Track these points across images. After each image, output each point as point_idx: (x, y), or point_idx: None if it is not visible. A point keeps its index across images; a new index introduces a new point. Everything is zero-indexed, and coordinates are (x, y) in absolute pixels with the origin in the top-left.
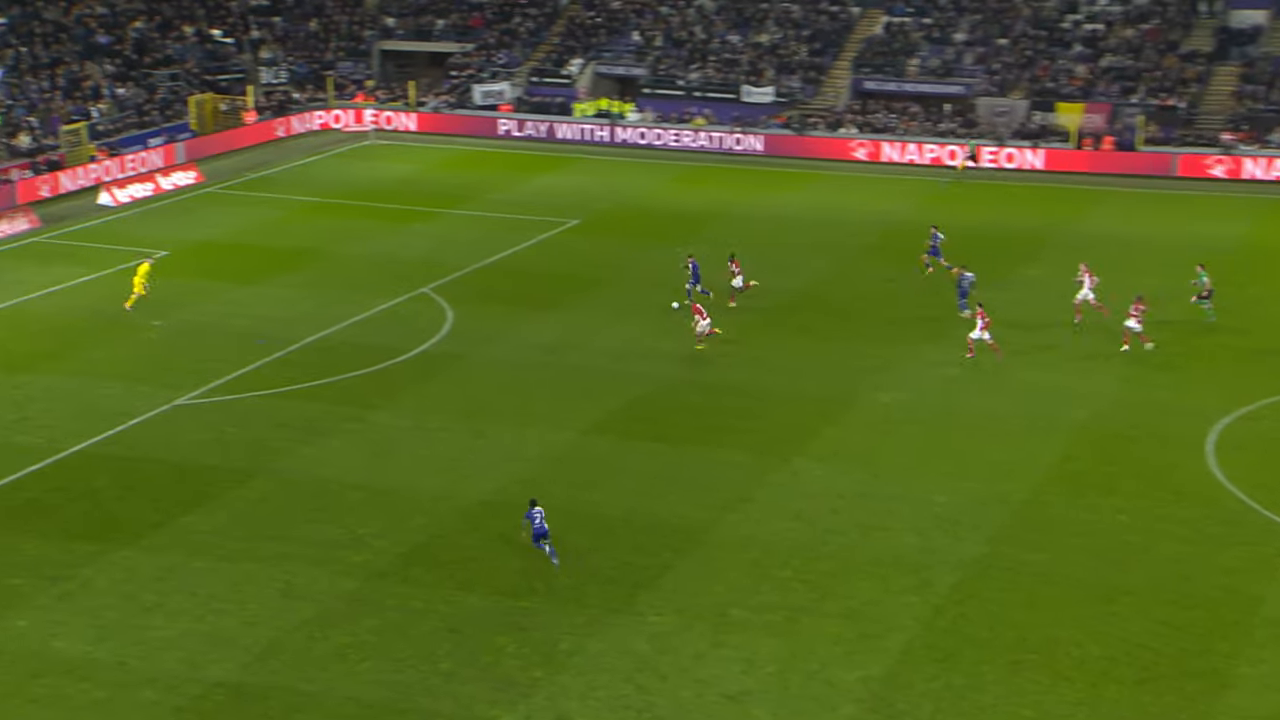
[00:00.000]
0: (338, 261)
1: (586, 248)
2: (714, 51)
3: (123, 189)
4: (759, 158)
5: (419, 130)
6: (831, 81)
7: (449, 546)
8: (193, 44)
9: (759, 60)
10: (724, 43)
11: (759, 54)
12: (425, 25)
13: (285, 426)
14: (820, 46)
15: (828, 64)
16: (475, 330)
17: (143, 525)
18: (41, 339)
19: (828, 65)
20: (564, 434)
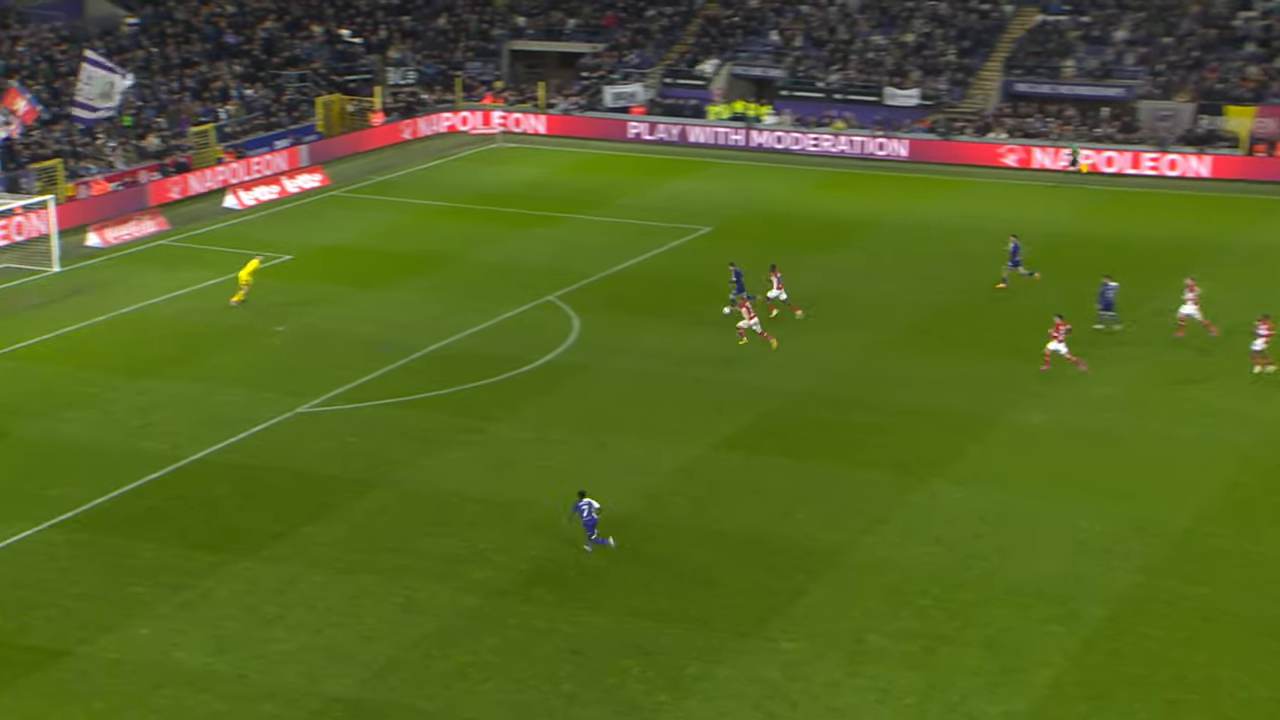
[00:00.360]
0: (463, 267)
1: (719, 256)
2: (856, 52)
3: (248, 191)
4: (902, 164)
5: (548, 133)
6: (980, 83)
7: (572, 563)
8: (321, 44)
9: (904, 61)
10: (867, 42)
11: (904, 54)
12: (556, 24)
13: (406, 437)
14: (969, 46)
15: (977, 65)
16: (601, 340)
17: (263, 535)
18: (166, 344)
19: (977, 66)
20: (691, 448)
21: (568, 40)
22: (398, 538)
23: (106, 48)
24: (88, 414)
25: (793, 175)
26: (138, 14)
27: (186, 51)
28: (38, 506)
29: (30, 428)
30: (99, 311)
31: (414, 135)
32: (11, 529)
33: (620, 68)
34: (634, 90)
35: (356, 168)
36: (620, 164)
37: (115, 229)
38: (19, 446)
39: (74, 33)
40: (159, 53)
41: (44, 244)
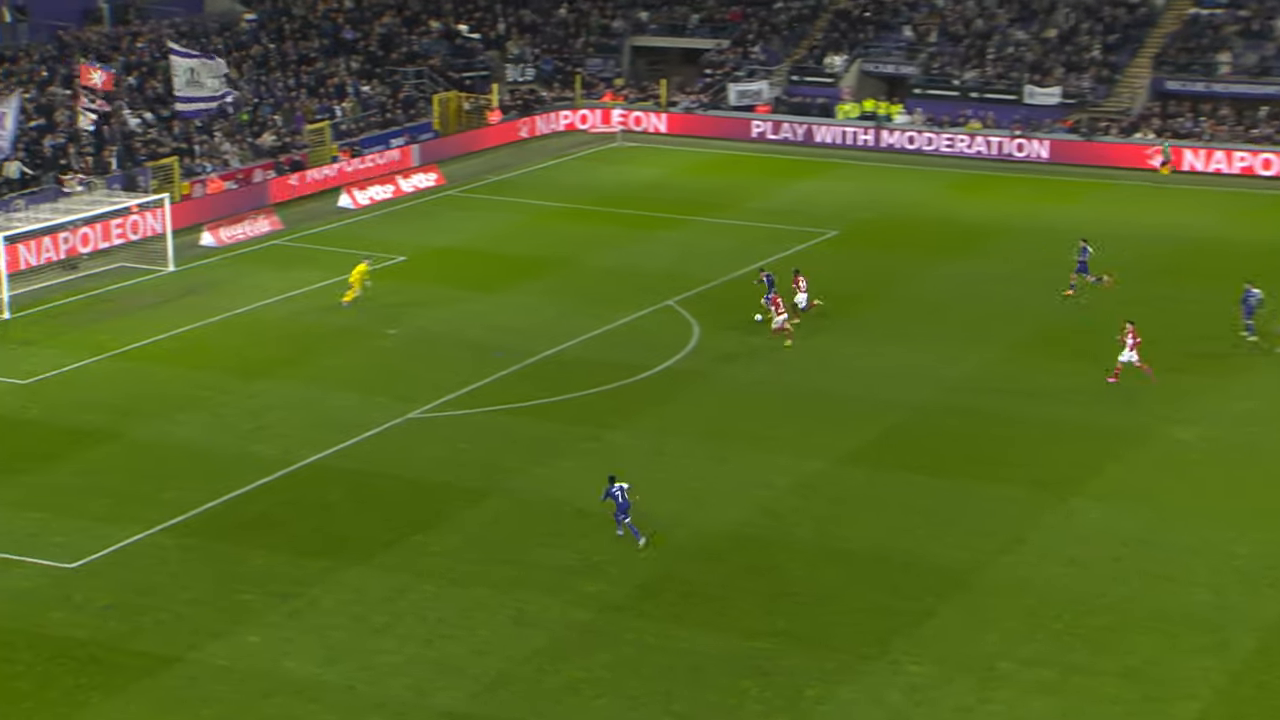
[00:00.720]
0: (579, 271)
1: (845, 261)
2: (994, 47)
3: (363, 190)
4: (1042, 165)
5: (669, 132)
6: (1127, 81)
7: (688, 579)
8: (438, 40)
9: (1045, 57)
10: (1006, 37)
11: (1046, 50)
12: (679, 20)
13: (519, 444)
14: (1116, 41)
15: (1124, 62)
16: (722, 348)
17: (374, 543)
18: (278, 345)
19: (1124, 63)
20: (814, 462)
21: (691, 36)
22: (510, 548)
23: (225, 44)
24: (200, 416)
25: (925, 177)
26: (256, 10)
27: (304, 48)
28: (150, 509)
29: (144, 429)
30: (212, 312)
31: (531, 134)
32: (125, 531)
33: (745, 64)
34: (759, 88)
35: (472, 167)
36: (743, 165)
37: (229, 228)
38: (133, 448)
39: (193, 29)
40: (276, 49)
41: (159, 243)
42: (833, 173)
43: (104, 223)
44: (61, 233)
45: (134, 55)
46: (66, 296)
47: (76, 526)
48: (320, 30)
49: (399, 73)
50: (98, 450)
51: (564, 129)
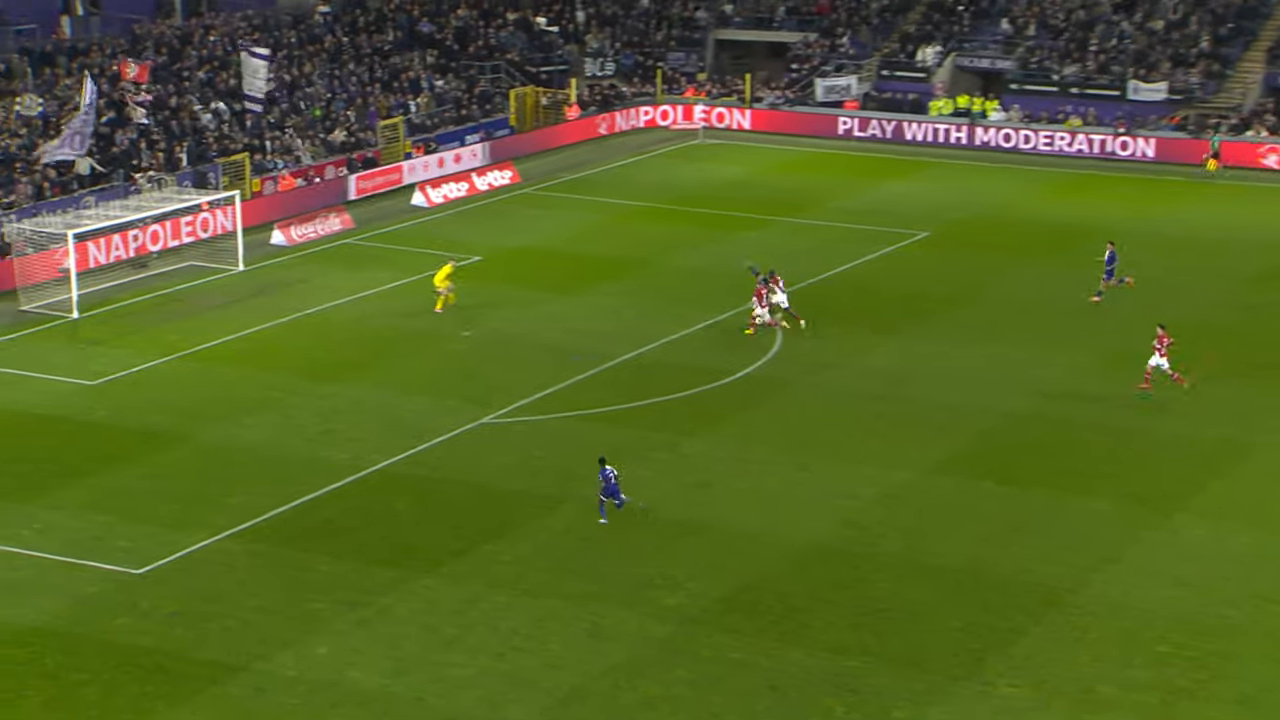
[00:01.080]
0: (659, 272)
1: (937, 264)
2: (1097, 40)
3: (436, 189)
4: (1147, 165)
5: (753, 129)
6: (1239, 76)
7: (770, 593)
8: (516, 33)
9: (1151, 50)
10: (1109, 28)
11: (1151, 43)
12: (765, 12)
13: (596, 451)
14: (1227, 34)
15: (1235, 55)
16: (806, 353)
17: (443, 552)
18: (348, 347)
19: (1235, 57)
20: (901, 473)
21: (777, 29)
22: (585, 559)
23: (298, 37)
24: (269, 419)
25: (1021, 176)
26: (330, 2)
27: (378, 41)
28: (218, 514)
29: (211, 432)
30: (282, 312)
31: (610, 130)
32: (191, 537)
33: (833, 59)
34: (848, 83)
35: (549, 164)
36: (830, 163)
37: (300, 226)
38: (200, 451)
39: (266, 22)
40: (350, 42)
41: (229, 241)
42: (923, 172)
43: (174, 220)
44: (131, 230)
45: (205, 49)
46: (135, 296)
47: (143, 531)
48: (395, 23)
49: (475, 67)
50: (165, 453)
51: (644, 125)
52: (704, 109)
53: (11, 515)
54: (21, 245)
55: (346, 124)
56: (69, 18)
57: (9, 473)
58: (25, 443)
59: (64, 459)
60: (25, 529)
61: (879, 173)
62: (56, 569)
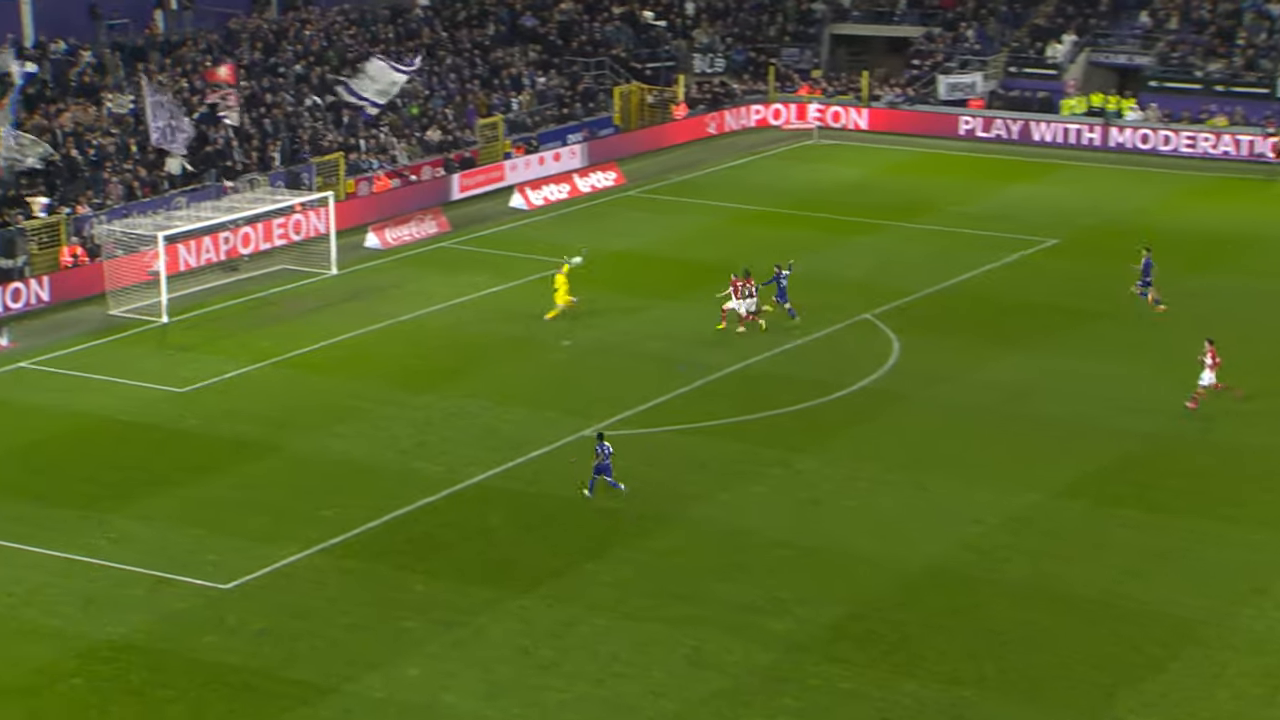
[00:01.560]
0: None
1: (1066, 273)
2: (1245, 34)
3: (536, 190)
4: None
5: (870, 129)
6: None
7: (883, 620)
8: (621, 27)
9: None
10: (1260, 20)
11: None
12: (884, 5)
13: (701, 468)
14: None
15: None
16: (925, 366)
17: (541, 571)
18: (444, 355)
19: None
20: (1027, 495)
21: (897, 23)
22: (689, 581)
23: (395, 32)
24: (361, 429)
25: (1160, 181)
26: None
27: (479, 35)
28: (309, 528)
29: (303, 442)
30: (376, 318)
31: (720, 130)
32: (282, 551)
33: (957, 54)
34: (973, 80)
35: (655, 165)
36: (951, 165)
37: (395, 229)
38: (290, 462)
39: (363, 16)
40: (449, 37)
41: (322, 244)
42: (1052, 175)
43: (266, 222)
44: (222, 233)
45: (300, 44)
46: (226, 300)
47: (232, 545)
48: (497, 17)
49: (578, 63)
50: (255, 463)
51: (755, 125)
52: (819, 108)
53: (92, 525)
54: (111, 247)
55: (444, 122)
56: (163, 12)
57: (98, 480)
58: (114, 451)
59: (153, 468)
60: (103, 539)
61: (1004, 176)
62: (140, 581)
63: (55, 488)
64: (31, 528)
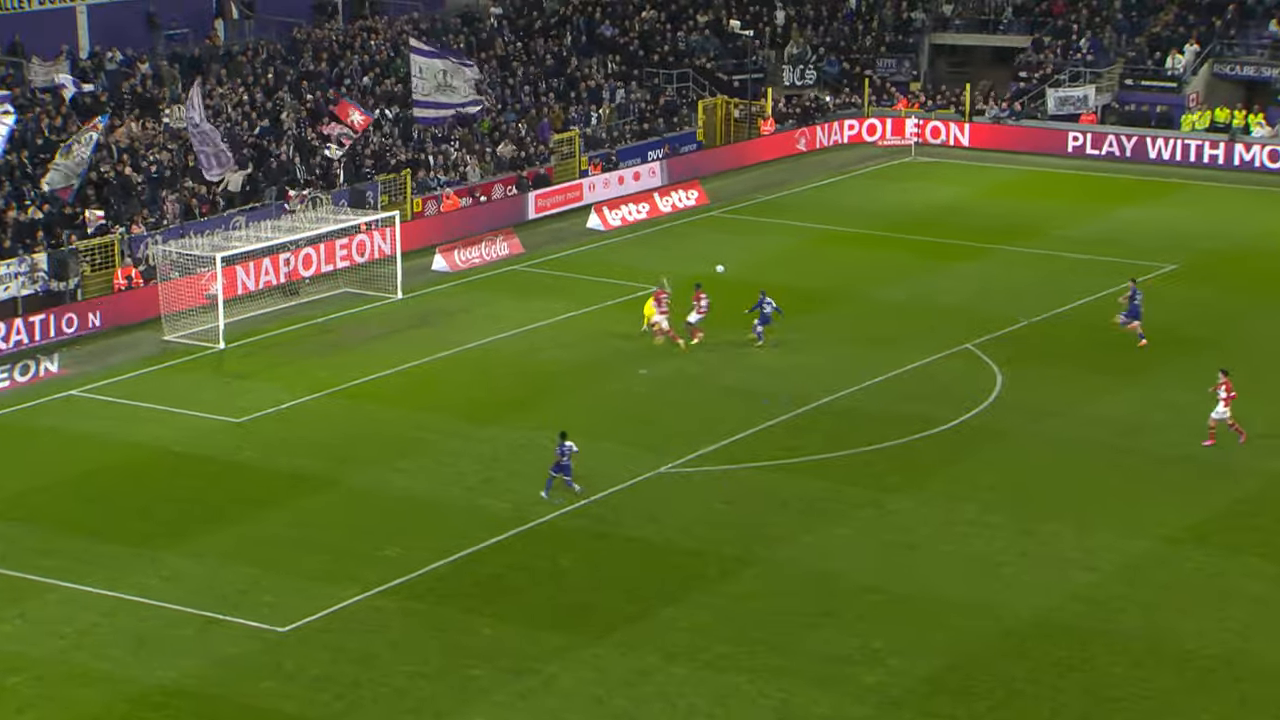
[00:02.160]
0: (862, 305)
1: (1186, 300)
2: None
3: (614, 210)
4: None
5: (972, 145)
6: None
7: (984, 673)
8: (706, 37)
9: None
10: None
11: None
12: (989, 13)
13: (786, 507)
14: None
15: None
16: (1030, 400)
17: (615, 616)
18: (513, 385)
19: None
20: (1141, 541)
21: (1003, 33)
22: (774, 629)
23: (467, 41)
24: (425, 463)
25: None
26: (501, 3)
27: (555, 45)
28: (370, 568)
29: (363, 477)
30: (443, 346)
31: (810, 147)
32: (342, 592)
33: (1068, 66)
34: (1084, 94)
35: (741, 184)
36: (1061, 185)
37: (464, 251)
38: (350, 498)
39: (434, 25)
40: (523, 47)
41: (387, 266)
42: (1171, 195)
43: (328, 243)
44: (282, 254)
45: (367, 55)
46: (285, 325)
47: (289, 585)
48: (574, 26)
49: (660, 75)
50: (314, 499)
51: (848, 141)
52: (917, 123)
53: (144, 562)
54: (166, 269)
55: (517, 137)
56: (223, 21)
57: (150, 515)
58: (167, 483)
59: (208, 502)
60: (154, 577)
61: (1118, 196)
62: (192, 622)
63: (106, 522)
64: (82, 564)
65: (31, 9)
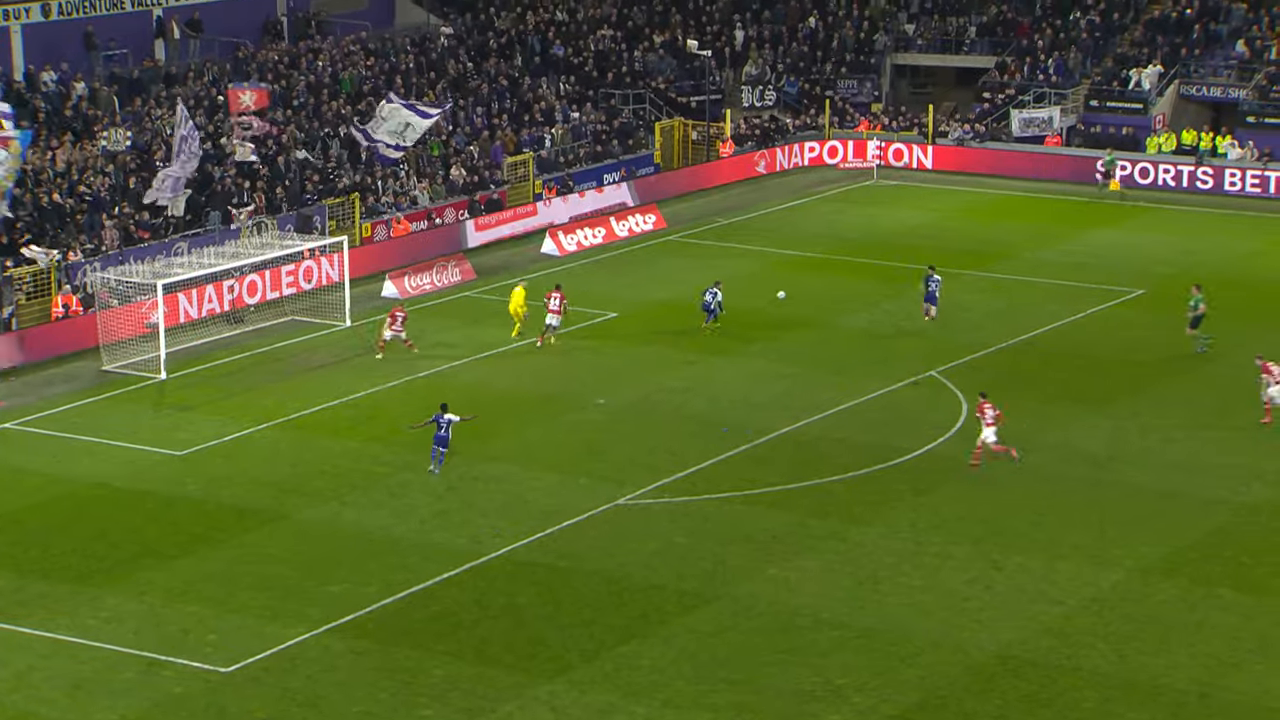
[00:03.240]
0: (824, 332)
1: (1153, 326)
2: None
3: (570, 235)
4: None
5: (935, 168)
6: None
7: (952, 712)
8: (663, 58)
9: None
10: None
11: None
12: (953, 33)
13: (748, 540)
14: None
15: None
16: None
17: (573, 653)
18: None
19: None
20: (1111, 573)
21: (967, 53)
22: (736, 666)
23: (416, 62)
24: (375, 496)
25: (1259, 226)
26: (453, 23)
27: (507, 67)
28: (316, 605)
29: (311, 511)
30: (393, 375)
31: (770, 169)
32: (287, 630)
33: (1032, 86)
34: (1049, 115)
35: (699, 207)
36: (1026, 208)
37: (415, 277)
38: (297, 532)
39: (383, 44)
40: (474, 68)
41: (335, 293)
42: (1138, 219)
43: (274, 270)
44: (226, 281)
45: (314, 75)
46: (229, 355)
47: (233, 623)
48: (527, 46)
49: (616, 96)
50: (259, 533)
51: (809, 164)
52: (879, 145)
53: (82, 601)
54: (106, 297)
55: (469, 161)
56: (163, 41)
57: (87, 553)
58: (105, 519)
59: (149, 538)
60: (93, 618)
61: (1084, 220)
62: (132, 663)
63: (42, 560)
64: (17, 604)
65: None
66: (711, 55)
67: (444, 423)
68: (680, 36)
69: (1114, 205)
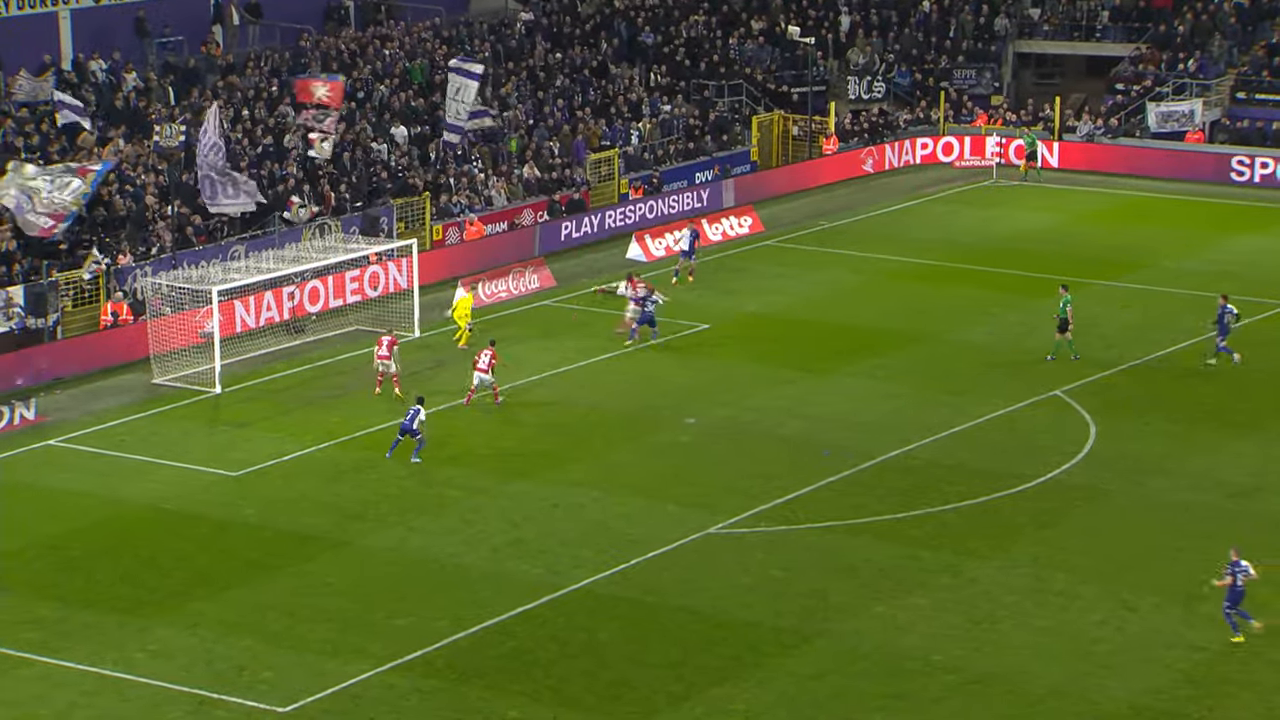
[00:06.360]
0: (936, 347)
1: None
2: None
3: (657, 238)
4: None
5: (1062, 167)
6: None
7: None
8: (762, 45)
9: None
10: None
11: None
12: (1083, 18)
13: (852, 574)
14: None
15: None
16: (1128, 455)
17: (659, 696)
18: (545, 435)
19: None
20: (1257, 616)
21: (1098, 40)
22: (838, 712)
23: (494, 50)
24: (445, 523)
25: None
26: (532, 7)
27: (591, 56)
28: (381, 640)
29: (376, 537)
30: (464, 391)
31: (878, 168)
32: (350, 668)
33: (1172, 77)
34: (1190, 109)
35: (799, 209)
36: (1164, 211)
37: (490, 283)
38: (362, 561)
39: (457, 31)
40: (558, 56)
41: (403, 301)
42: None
43: (337, 275)
44: (286, 287)
45: (381, 63)
46: (289, 367)
47: (291, 660)
48: (613, 34)
49: (709, 87)
50: (320, 562)
51: (921, 162)
52: (999, 141)
53: (129, 634)
54: (157, 304)
55: (549, 158)
56: (221, 28)
57: (135, 582)
58: (155, 545)
59: (199, 566)
60: (140, 651)
61: (1231, 224)
62: (182, 702)
63: (87, 589)
64: (59, 637)
65: (9, 14)
66: (815, 43)
67: (412, 413)
68: (781, 22)
69: (1261, 209)
